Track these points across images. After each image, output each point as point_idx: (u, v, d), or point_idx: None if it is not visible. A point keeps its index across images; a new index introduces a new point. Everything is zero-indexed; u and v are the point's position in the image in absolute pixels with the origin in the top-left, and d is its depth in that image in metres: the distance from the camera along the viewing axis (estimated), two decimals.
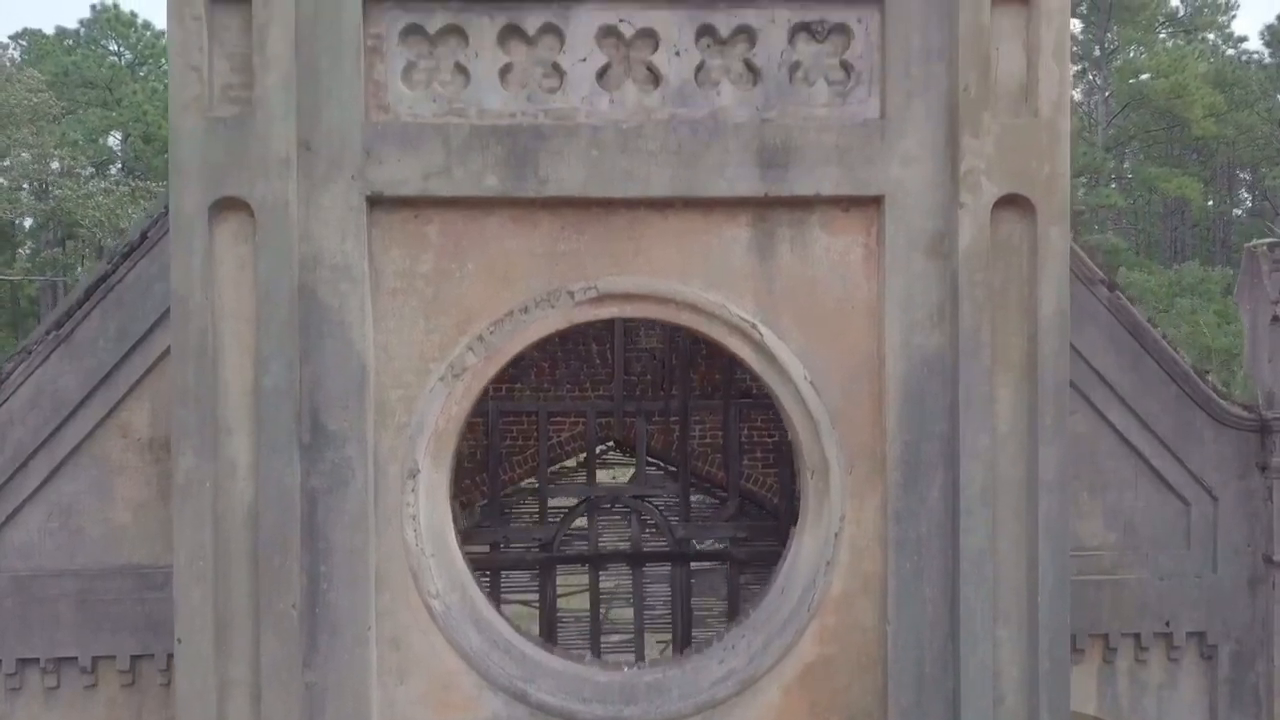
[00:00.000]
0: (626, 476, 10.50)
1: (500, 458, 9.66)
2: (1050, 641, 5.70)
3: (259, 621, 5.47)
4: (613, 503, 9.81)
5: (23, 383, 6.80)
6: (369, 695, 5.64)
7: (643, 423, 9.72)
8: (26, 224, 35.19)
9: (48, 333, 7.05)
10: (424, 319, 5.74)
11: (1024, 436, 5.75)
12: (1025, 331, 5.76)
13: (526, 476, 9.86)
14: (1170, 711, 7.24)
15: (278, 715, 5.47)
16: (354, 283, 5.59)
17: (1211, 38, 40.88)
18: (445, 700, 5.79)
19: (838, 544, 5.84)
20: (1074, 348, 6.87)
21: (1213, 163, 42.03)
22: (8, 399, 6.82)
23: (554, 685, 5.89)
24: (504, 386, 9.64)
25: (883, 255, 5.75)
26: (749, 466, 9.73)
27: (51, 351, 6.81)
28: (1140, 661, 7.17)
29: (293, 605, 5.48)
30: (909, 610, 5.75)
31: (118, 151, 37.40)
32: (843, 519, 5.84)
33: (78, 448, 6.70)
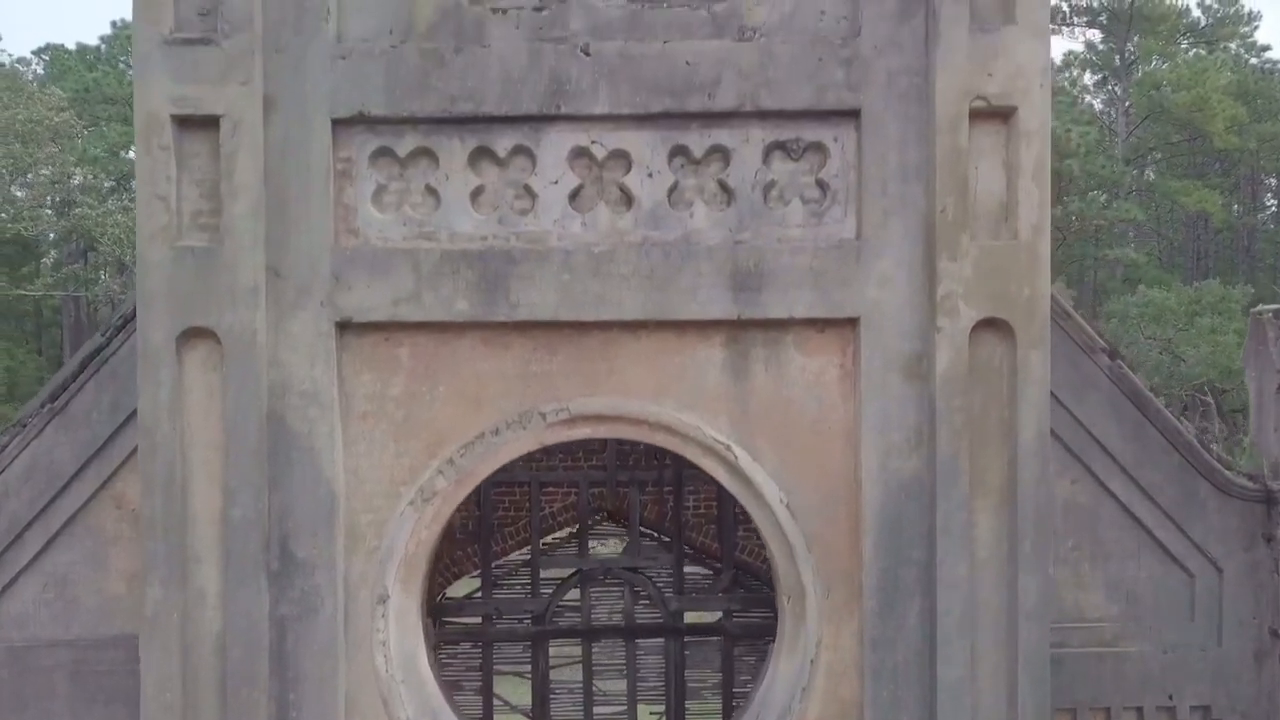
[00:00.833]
0: (620, 548, 10.45)
1: (492, 529, 9.62)
2: None
3: None
4: (605, 575, 9.76)
5: (18, 455, 6.83)
6: None
7: (635, 493, 9.64)
8: (50, 235, 35.63)
9: (42, 405, 7.08)
10: (394, 442, 5.70)
11: (1004, 564, 5.64)
12: (1005, 456, 5.65)
13: (519, 548, 9.81)
14: None
15: None
16: (323, 409, 5.56)
17: (1234, 47, 40.29)
18: None
19: (814, 670, 5.75)
20: (1074, 416, 6.81)
21: (1235, 173, 41.49)
22: (3, 471, 6.85)
23: None
24: None
25: (859, 377, 5.66)
26: (744, 538, 9.62)
27: (46, 424, 6.83)
28: None
29: None
30: None
31: None
32: (819, 644, 5.75)
33: (72, 519, 6.70)
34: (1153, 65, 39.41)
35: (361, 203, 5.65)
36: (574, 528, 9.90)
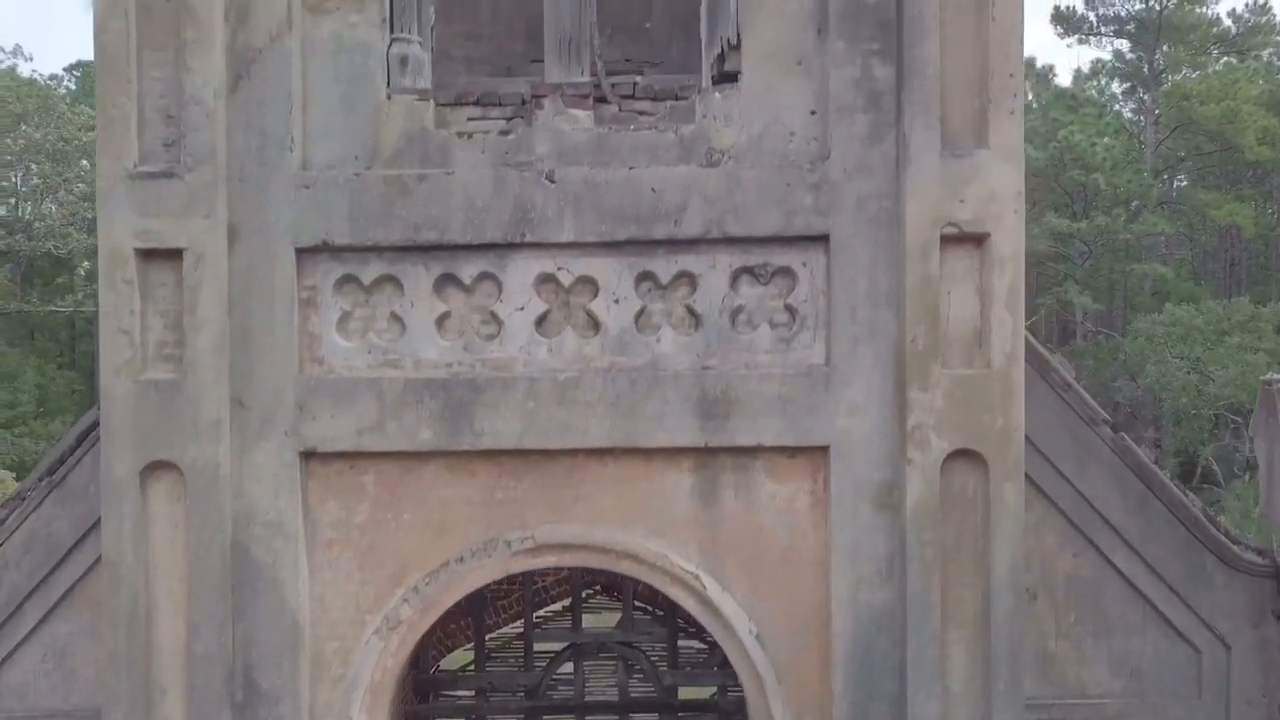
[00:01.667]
0: (614, 622, 10.37)
1: (485, 602, 9.59)
2: None
3: None
4: (599, 649, 9.68)
5: (17, 527, 6.88)
6: None
7: None
8: (81, 250, 36.09)
9: (40, 479, 7.14)
10: (360, 570, 5.67)
11: (977, 699, 5.52)
12: (979, 588, 5.53)
13: (512, 621, 9.78)
14: None
15: None
16: (287, 539, 5.54)
17: (1266, 55, 39.46)
18: None
19: None
20: (1076, 489, 6.69)
21: (1268, 183, 40.67)
22: (3, 544, 6.92)
23: None
24: None
25: (829, 506, 5.56)
26: None
27: (44, 497, 6.89)
28: None
29: None
30: None
31: None
32: None
33: (70, 590, 6.72)
34: (1182, 75, 38.73)
35: (326, 330, 5.62)
36: (568, 601, 9.84)
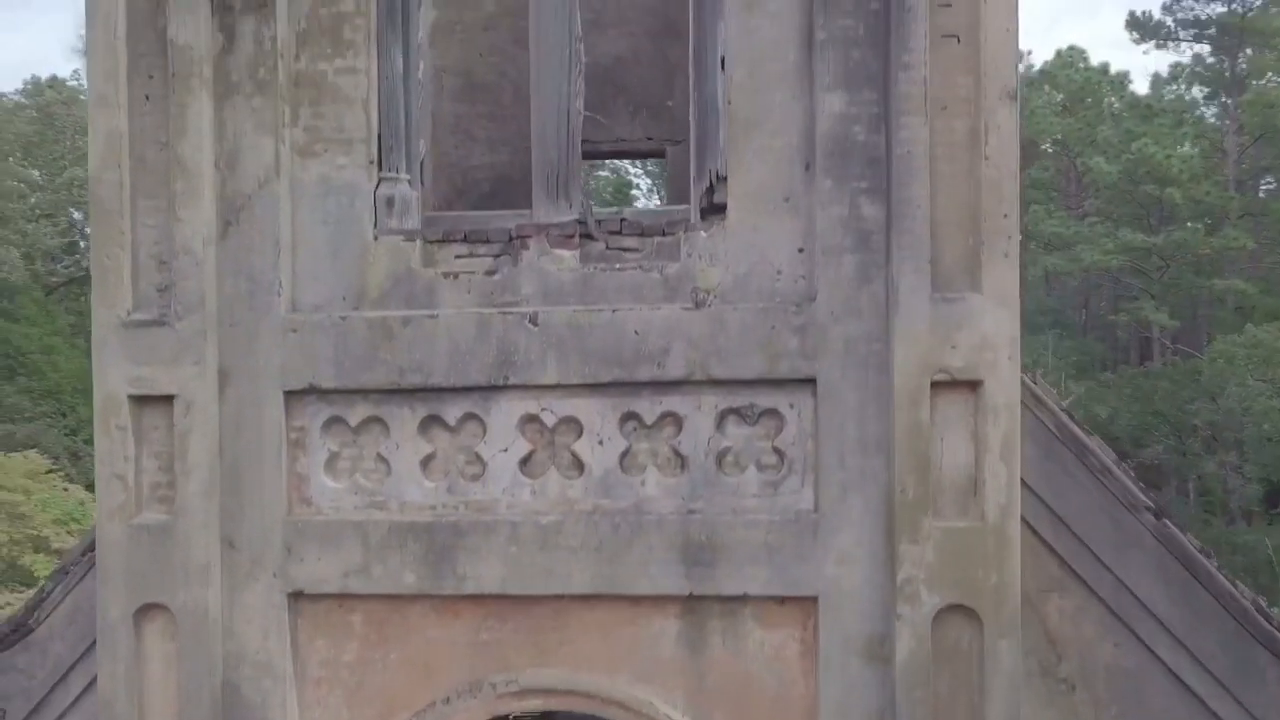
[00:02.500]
0: None
1: None
2: None
3: None
4: None
5: (61, 601, 7.10)
6: None
7: None
8: None
9: (83, 554, 7.38)
10: (348, 709, 5.70)
11: None
12: None
13: None
14: None
15: None
16: (276, 680, 5.60)
17: None
18: None
19: None
20: (1117, 577, 6.43)
21: None
22: (48, 616, 7.16)
23: None
24: None
25: (818, 656, 5.40)
26: None
27: (86, 572, 7.10)
28: None
29: None
30: None
31: None
32: None
33: None
34: (1266, 80, 37.11)
35: (315, 472, 5.67)
36: None
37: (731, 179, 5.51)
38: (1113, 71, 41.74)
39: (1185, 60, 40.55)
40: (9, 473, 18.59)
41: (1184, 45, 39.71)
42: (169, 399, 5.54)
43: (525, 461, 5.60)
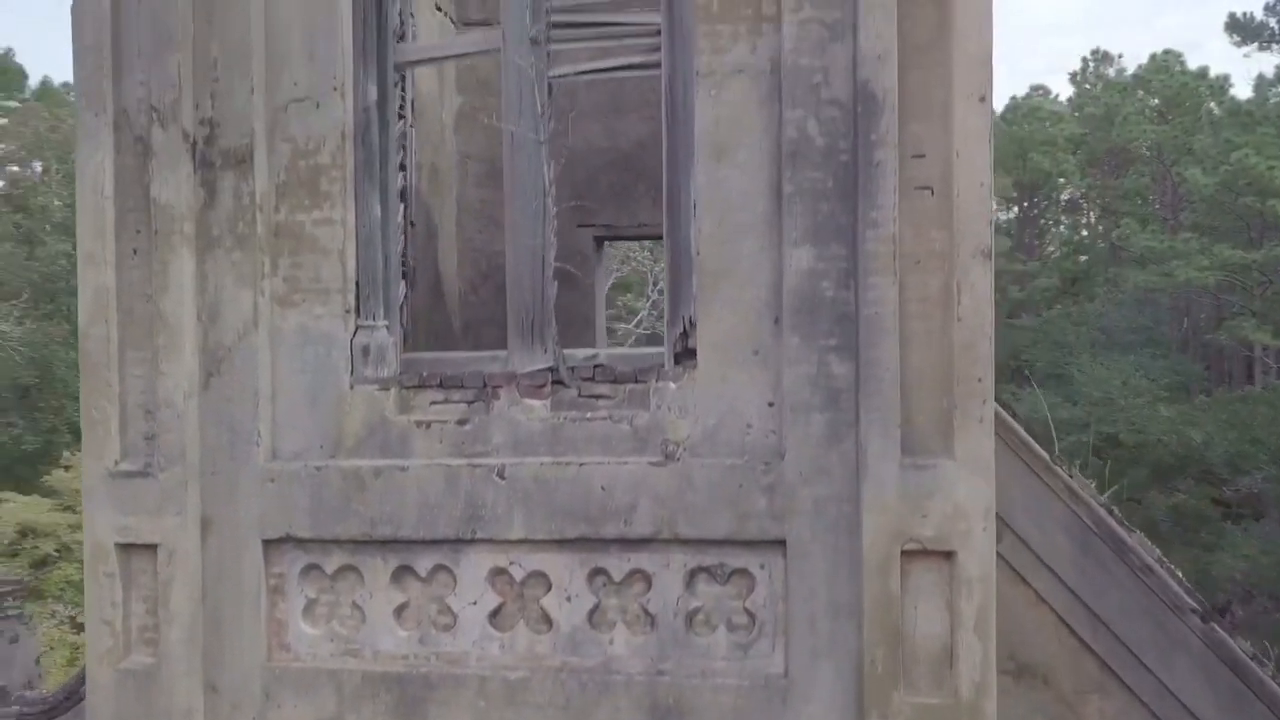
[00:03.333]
0: None
1: None
2: None
3: None
4: None
5: None
6: None
7: None
8: None
9: None
10: None
11: None
12: None
13: None
14: None
15: None
16: None
17: None
18: None
19: None
20: (1161, 682, 6.29)
21: None
22: None
23: None
24: None
25: None
26: None
27: None
28: None
29: None
30: None
31: None
32: None
33: None
34: None
35: (293, 618, 5.75)
36: None
37: (701, 329, 5.39)
38: (1212, 75, 39.90)
39: None
40: None
41: None
42: (153, 547, 5.70)
43: (495, 614, 5.58)
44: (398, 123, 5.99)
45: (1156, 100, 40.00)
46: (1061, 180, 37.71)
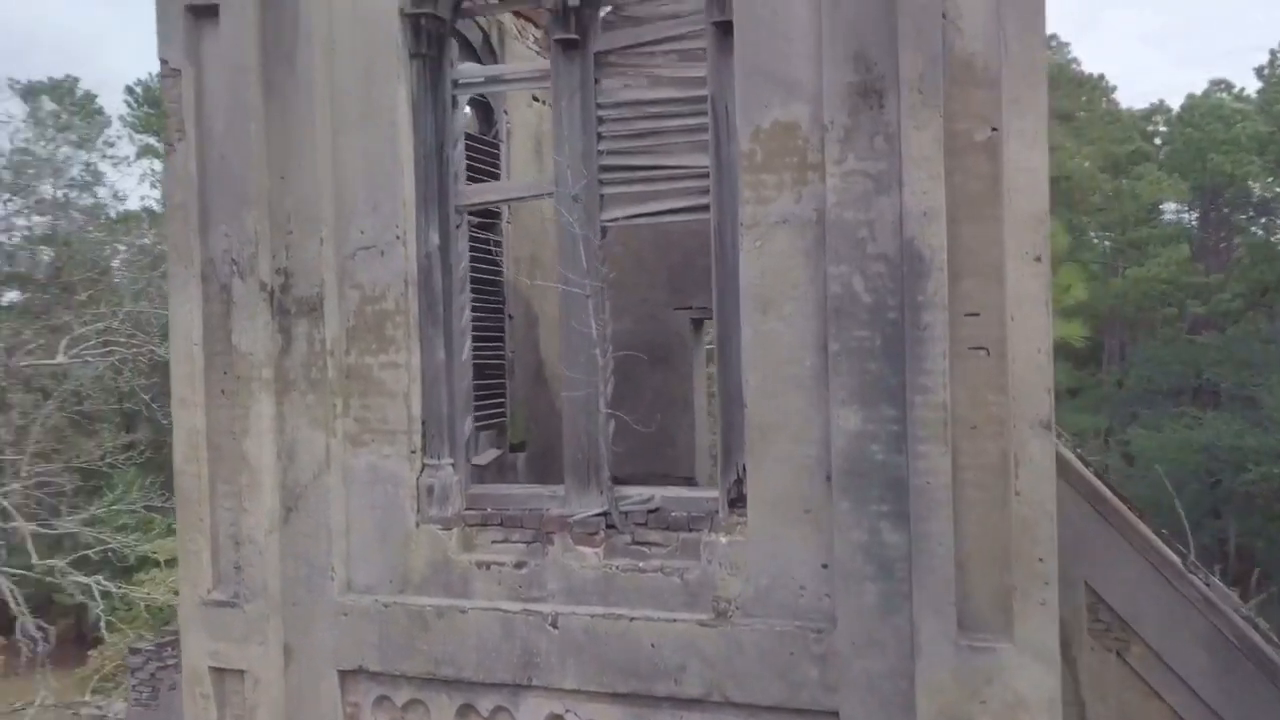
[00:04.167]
0: None
1: None
2: None
3: None
4: None
5: None
6: None
7: None
8: None
9: None
10: None
11: None
12: None
13: None
14: None
15: None
16: None
17: None
18: None
19: None
20: None
21: None
22: None
23: None
24: None
25: None
26: None
27: None
28: None
29: None
30: None
31: None
32: None
33: None
34: None
35: None
36: None
37: (751, 484, 5.22)
38: None
39: None
40: None
41: None
42: (241, 672, 6.05)
43: None
44: (461, 263, 6.09)
45: None
46: (1251, 182, 34.22)
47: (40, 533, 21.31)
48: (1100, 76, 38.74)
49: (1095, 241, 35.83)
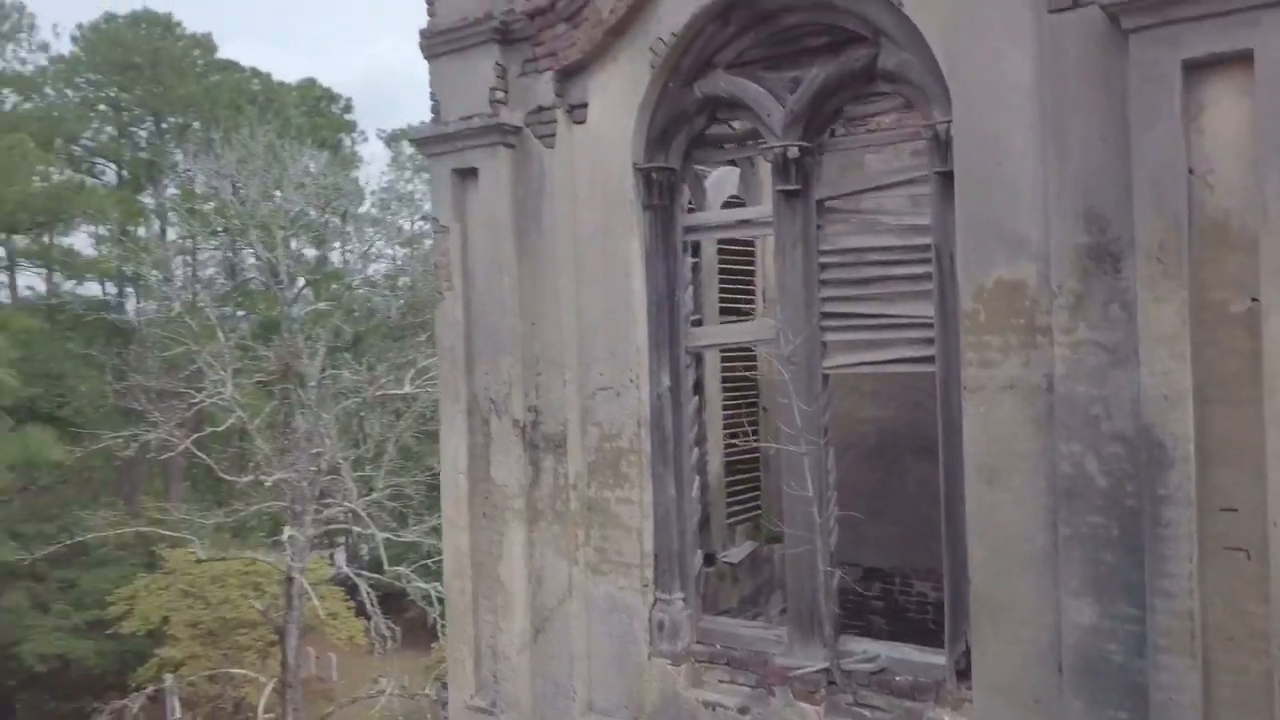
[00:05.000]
0: None
1: None
2: None
3: None
4: None
5: None
6: None
7: None
8: None
9: None
10: None
11: None
12: None
13: None
14: None
15: None
16: None
17: None
18: None
19: None
20: None
21: None
22: None
23: None
24: None
25: None
26: None
27: None
28: None
29: None
30: None
31: None
32: None
33: None
34: None
35: None
36: None
37: (977, 666, 4.90)
38: None
39: None
40: None
41: None
42: None
43: None
44: (692, 400, 6.23)
45: None
46: None
47: (391, 540, 24.29)
48: None
49: None
